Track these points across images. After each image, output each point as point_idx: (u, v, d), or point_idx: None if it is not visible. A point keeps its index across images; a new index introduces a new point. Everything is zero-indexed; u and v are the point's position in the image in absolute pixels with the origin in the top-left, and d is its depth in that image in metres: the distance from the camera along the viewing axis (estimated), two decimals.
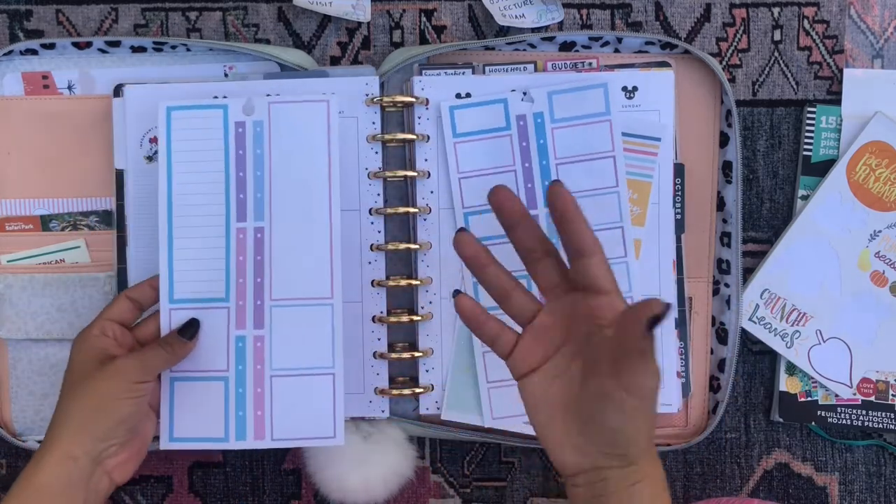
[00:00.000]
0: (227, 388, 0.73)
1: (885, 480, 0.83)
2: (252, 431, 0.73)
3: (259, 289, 0.73)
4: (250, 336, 0.73)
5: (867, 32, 0.81)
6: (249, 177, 0.73)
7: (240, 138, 0.73)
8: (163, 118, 0.73)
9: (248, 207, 0.73)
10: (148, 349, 0.70)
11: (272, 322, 0.73)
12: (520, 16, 0.79)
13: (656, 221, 0.79)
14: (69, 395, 0.68)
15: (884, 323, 0.80)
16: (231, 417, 0.73)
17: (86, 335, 0.71)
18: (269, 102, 0.74)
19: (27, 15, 0.81)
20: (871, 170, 0.79)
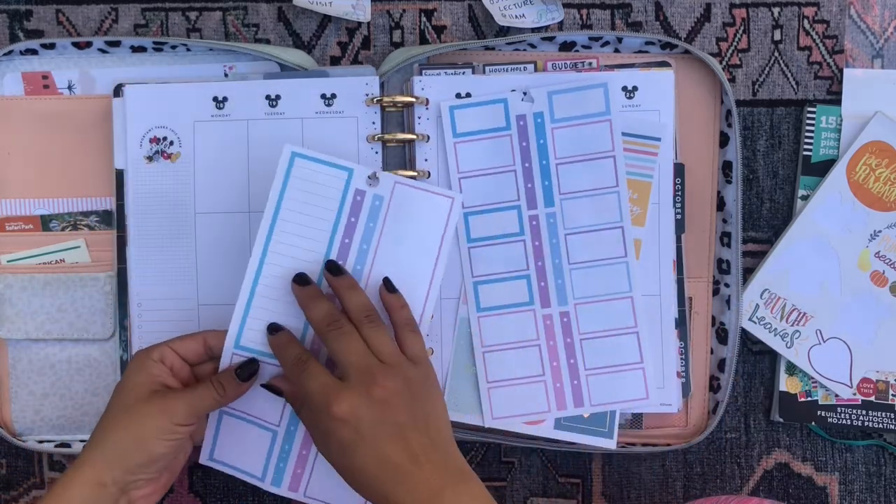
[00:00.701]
0: (275, 441, 0.74)
1: (885, 480, 0.83)
2: (288, 483, 0.74)
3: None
4: None
5: (867, 32, 0.81)
6: (354, 247, 0.73)
7: (356, 206, 0.73)
8: (284, 162, 0.72)
9: None
10: (198, 390, 0.69)
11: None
12: (520, 16, 0.79)
13: (656, 221, 0.79)
14: (113, 418, 0.67)
15: (884, 323, 0.80)
16: (271, 464, 0.74)
17: (145, 357, 0.69)
18: (395, 182, 0.73)
19: (27, 15, 0.81)
20: (871, 170, 0.79)
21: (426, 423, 0.66)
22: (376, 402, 0.64)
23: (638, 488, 0.83)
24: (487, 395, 0.78)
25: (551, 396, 0.78)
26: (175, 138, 0.78)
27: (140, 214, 0.78)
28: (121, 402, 0.68)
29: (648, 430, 0.81)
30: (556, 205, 0.77)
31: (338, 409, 0.64)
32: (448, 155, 0.78)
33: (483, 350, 0.78)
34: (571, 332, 0.78)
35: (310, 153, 0.72)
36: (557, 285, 0.78)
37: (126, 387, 0.68)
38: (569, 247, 0.78)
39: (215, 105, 0.78)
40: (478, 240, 0.78)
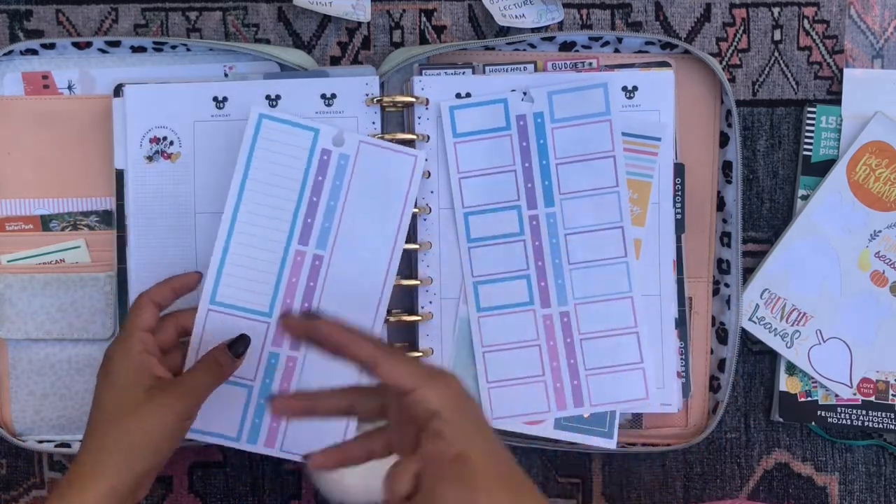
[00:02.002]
0: (250, 396, 0.74)
1: (885, 480, 0.83)
2: (264, 438, 0.74)
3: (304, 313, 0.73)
4: (284, 355, 0.74)
5: (867, 32, 0.81)
6: (322, 204, 0.74)
7: (323, 165, 0.74)
8: (252, 122, 0.74)
9: (312, 233, 0.74)
10: (196, 376, 0.68)
11: (308, 346, 0.74)
12: (520, 16, 0.79)
13: (656, 221, 0.79)
14: (116, 421, 0.66)
15: (884, 323, 0.80)
16: (247, 422, 0.74)
17: (127, 351, 0.67)
18: (360, 140, 0.75)
19: (27, 15, 0.81)
20: (871, 170, 0.79)
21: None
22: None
23: (638, 488, 0.83)
24: (487, 395, 0.78)
25: (551, 396, 0.78)
26: (175, 138, 0.78)
27: (140, 214, 0.78)
28: (119, 403, 0.66)
29: (648, 430, 0.81)
30: (556, 205, 0.77)
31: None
32: (448, 155, 0.78)
33: (483, 350, 0.78)
34: (571, 332, 0.78)
35: (277, 115, 0.74)
36: (557, 285, 0.78)
37: (118, 385, 0.67)
38: (569, 247, 0.78)
39: (215, 105, 0.78)
40: (478, 240, 0.78)
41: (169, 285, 0.72)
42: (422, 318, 0.78)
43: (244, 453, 0.82)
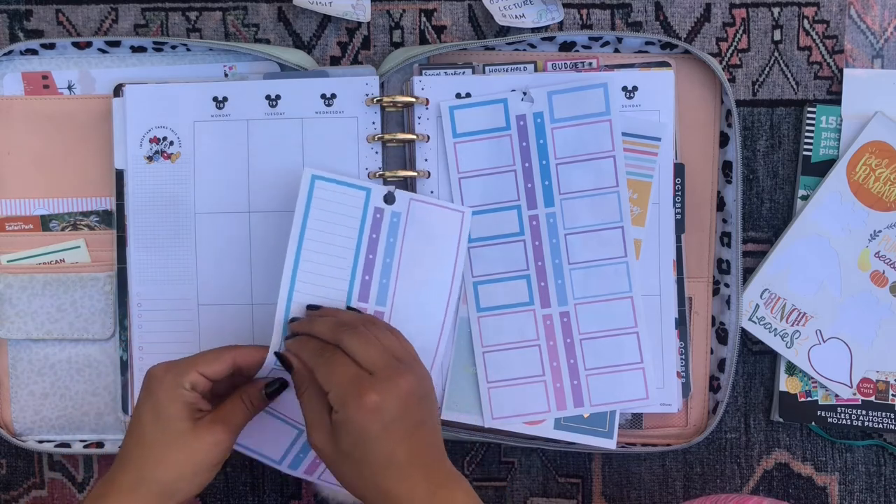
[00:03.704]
0: (298, 437, 0.75)
1: (885, 480, 0.83)
2: (304, 468, 0.76)
3: None
4: None
5: (867, 32, 0.81)
6: (378, 262, 0.75)
7: (376, 223, 0.75)
8: (306, 185, 0.73)
9: (371, 290, 0.75)
10: (232, 409, 0.68)
11: None
12: (520, 16, 0.79)
13: (656, 221, 0.79)
14: (160, 452, 0.65)
15: (884, 323, 0.80)
16: (292, 452, 0.76)
17: (175, 384, 0.66)
18: (411, 199, 0.76)
19: (27, 15, 0.81)
20: (871, 170, 0.79)
21: (432, 423, 0.67)
22: (402, 398, 0.64)
23: (638, 488, 0.83)
24: (487, 395, 0.78)
25: (551, 396, 0.78)
26: (175, 138, 0.78)
27: (140, 214, 0.78)
28: (163, 435, 0.65)
29: (648, 430, 0.81)
30: (556, 205, 0.77)
31: (369, 400, 0.62)
32: (448, 155, 0.78)
33: (483, 350, 0.78)
34: (571, 332, 0.78)
35: (329, 175, 0.74)
36: (557, 285, 0.78)
37: (164, 415, 0.66)
38: (569, 247, 0.78)
39: (215, 105, 0.78)
40: (478, 240, 0.78)
41: (262, 353, 0.70)
42: None
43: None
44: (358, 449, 0.63)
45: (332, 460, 0.65)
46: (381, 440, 0.63)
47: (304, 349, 0.68)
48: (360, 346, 0.66)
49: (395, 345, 0.68)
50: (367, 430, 0.62)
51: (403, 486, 0.63)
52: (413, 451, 0.64)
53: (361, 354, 0.65)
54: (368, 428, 0.62)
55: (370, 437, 0.63)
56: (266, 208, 0.78)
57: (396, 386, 0.63)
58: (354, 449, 0.63)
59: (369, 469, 0.63)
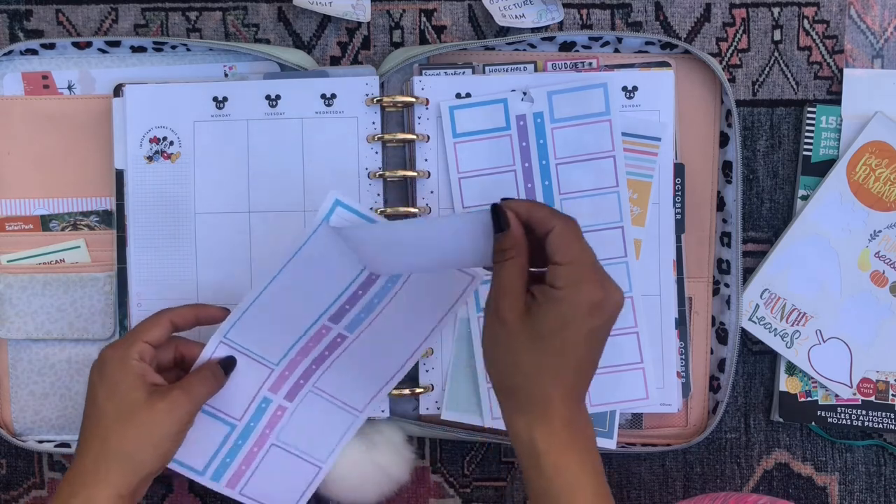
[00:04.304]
0: (230, 435, 0.74)
1: (885, 480, 0.83)
2: (227, 479, 0.75)
3: (309, 372, 0.74)
4: (276, 402, 0.75)
5: (867, 32, 0.81)
6: (365, 299, 0.72)
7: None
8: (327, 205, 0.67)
9: (345, 317, 0.72)
10: (196, 380, 0.68)
11: (302, 402, 0.75)
12: (520, 16, 0.79)
13: (656, 221, 0.79)
14: (119, 428, 0.65)
15: (884, 323, 0.80)
16: (217, 459, 0.74)
17: (124, 357, 0.67)
18: None
19: (27, 15, 0.81)
20: (871, 170, 0.79)
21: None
22: (617, 307, 0.61)
23: (638, 488, 0.83)
24: (487, 395, 0.78)
25: None
26: (175, 138, 0.78)
27: (140, 214, 0.78)
28: (120, 408, 0.66)
29: (648, 430, 0.81)
30: (557, 205, 0.77)
31: (602, 294, 0.59)
32: (448, 155, 0.78)
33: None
34: None
35: (352, 204, 0.68)
36: None
37: (118, 390, 0.66)
38: None
39: (215, 105, 0.78)
40: None
41: (194, 311, 0.71)
42: None
43: None
44: (557, 337, 0.58)
45: (510, 331, 0.59)
46: (586, 339, 0.59)
47: (538, 208, 0.61)
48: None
49: None
50: (579, 323, 0.58)
51: (559, 392, 0.59)
52: (589, 365, 0.61)
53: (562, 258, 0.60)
54: (582, 322, 0.58)
55: (577, 329, 0.58)
56: (266, 208, 0.78)
57: (618, 292, 0.60)
58: (552, 335, 0.58)
59: (548, 362, 0.59)
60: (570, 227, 0.60)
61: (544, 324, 0.58)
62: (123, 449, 0.65)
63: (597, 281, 0.59)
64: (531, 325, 0.59)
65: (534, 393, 0.59)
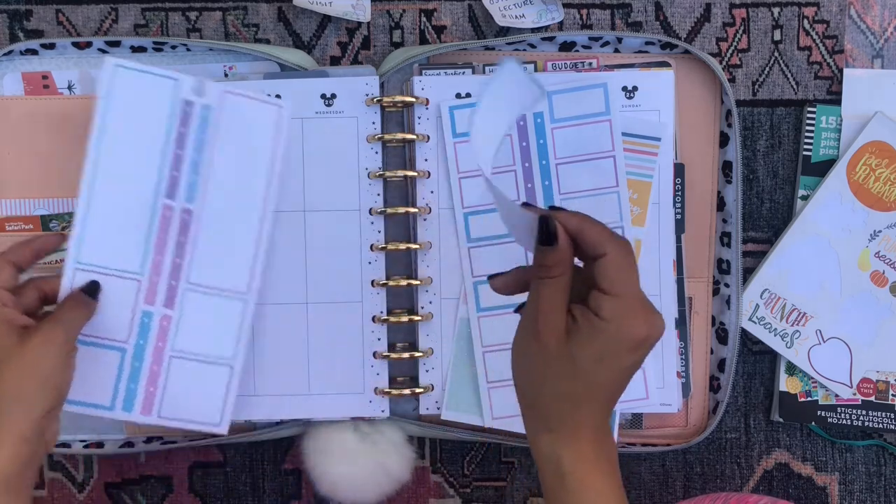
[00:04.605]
0: (123, 360, 0.72)
1: (885, 480, 0.83)
2: (140, 406, 0.73)
3: (176, 269, 0.73)
4: (158, 314, 0.73)
5: (867, 32, 0.81)
6: (187, 157, 0.71)
7: (185, 117, 0.71)
8: (108, 74, 0.69)
9: (179, 186, 0.71)
10: (63, 309, 0.68)
11: (184, 304, 0.73)
12: (520, 16, 0.79)
13: (656, 221, 0.79)
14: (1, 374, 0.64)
15: (884, 323, 0.80)
16: (121, 388, 0.72)
17: None
18: (224, 90, 0.72)
19: (27, 15, 0.81)
20: (871, 170, 0.79)
21: None
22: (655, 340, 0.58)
23: (638, 488, 0.83)
24: (487, 395, 0.78)
25: None
26: None
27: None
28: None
29: (648, 430, 0.81)
30: (557, 205, 0.77)
31: (646, 329, 0.57)
32: (448, 155, 0.78)
33: (483, 350, 0.78)
34: None
35: (132, 64, 0.68)
36: None
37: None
38: None
39: None
40: (478, 240, 0.78)
41: (28, 246, 0.70)
42: (422, 318, 0.78)
43: (244, 453, 0.82)
44: (596, 367, 0.57)
45: (547, 352, 0.57)
46: (625, 371, 0.57)
47: (592, 226, 0.57)
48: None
49: None
50: (617, 358, 0.56)
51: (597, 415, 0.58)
52: (616, 396, 0.60)
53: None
54: (621, 358, 0.57)
55: (613, 364, 0.57)
56: None
57: (660, 322, 0.58)
58: (592, 365, 0.56)
59: (583, 389, 0.57)
60: (625, 255, 0.56)
61: (584, 352, 0.56)
62: (9, 393, 0.64)
63: (644, 316, 0.56)
64: (570, 350, 0.57)
65: (564, 415, 0.58)
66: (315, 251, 0.78)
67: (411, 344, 0.79)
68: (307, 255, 0.78)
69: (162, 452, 0.82)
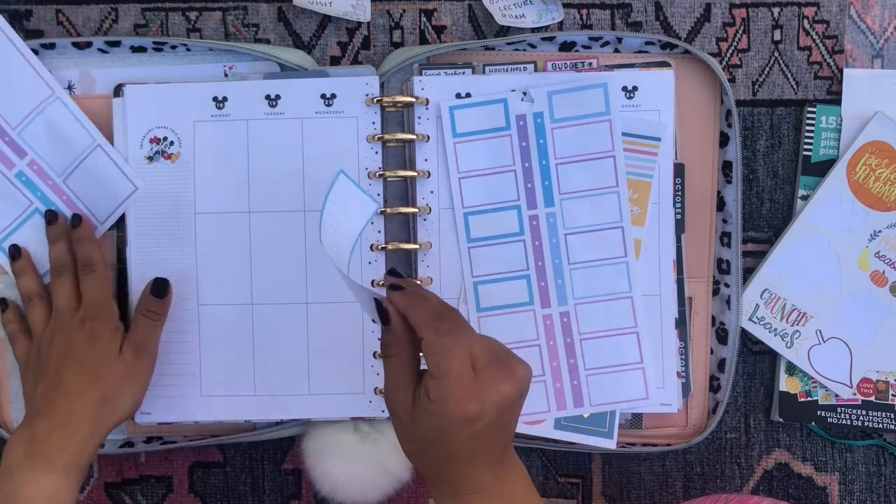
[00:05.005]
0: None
1: (885, 480, 0.83)
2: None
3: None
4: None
5: (867, 32, 0.81)
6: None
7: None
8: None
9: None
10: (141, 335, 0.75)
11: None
12: (520, 16, 0.79)
13: (656, 221, 0.79)
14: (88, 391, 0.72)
15: (884, 323, 0.80)
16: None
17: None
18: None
19: (27, 15, 0.81)
20: (871, 170, 0.79)
21: (515, 421, 0.62)
22: (500, 406, 0.59)
23: (638, 488, 0.83)
24: None
25: (551, 396, 0.78)
26: (175, 138, 0.78)
27: (140, 214, 0.78)
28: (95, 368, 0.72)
29: (648, 430, 0.81)
30: (556, 205, 0.77)
31: (471, 409, 0.58)
32: (448, 155, 0.78)
33: None
34: (571, 332, 0.78)
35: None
36: (557, 285, 0.78)
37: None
38: (569, 247, 0.78)
39: (215, 105, 0.78)
40: (478, 240, 0.78)
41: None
42: None
43: (244, 453, 0.82)
44: (437, 440, 0.59)
45: (403, 426, 0.61)
46: (465, 441, 0.59)
47: (419, 308, 0.60)
48: (469, 335, 0.59)
49: (493, 340, 0.62)
50: (456, 433, 0.59)
51: (470, 473, 0.60)
52: (490, 448, 0.61)
53: (472, 346, 0.59)
54: (459, 432, 0.58)
55: (455, 438, 0.59)
56: (266, 208, 0.78)
57: (498, 393, 0.59)
58: (434, 437, 0.59)
59: (441, 453, 0.60)
60: (442, 338, 0.58)
61: (425, 427, 0.59)
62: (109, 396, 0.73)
63: (473, 393, 0.58)
64: (415, 424, 0.60)
65: (451, 480, 0.60)
66: (315, 251, 0.78)
67: None
68: (307, 255, 0.78)
69: (162, 452, 0.82)
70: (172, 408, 0.79)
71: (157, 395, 0.78)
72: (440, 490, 0.61)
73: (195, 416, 0.79)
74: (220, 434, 0.80)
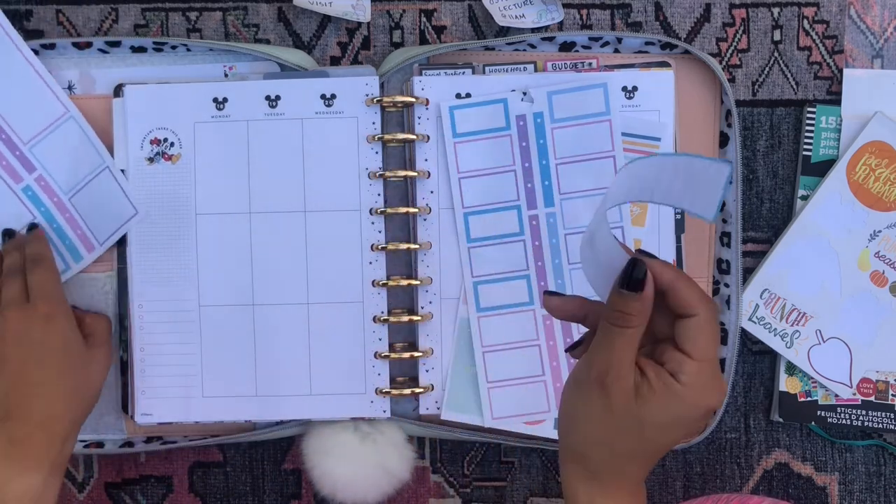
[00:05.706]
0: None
1: (885, 480, 0.83)
2: None
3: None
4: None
5: (867, 32, 0.81)
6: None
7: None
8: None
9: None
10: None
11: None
12: (520, 16, 0.79)
13: (656, 221, 0.79)
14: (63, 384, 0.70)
15: (884, 323, 0.80)
16: None
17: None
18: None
19: (27, 15, 0.81)
20: (870, 170, 0.79)
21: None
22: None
23: None
24: (487, 395, 0.78)
25: (551, 396, 0.78)
26: (176, 139, 0.78)
27: (140, 215, 0.78)
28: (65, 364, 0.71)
29: None
30: (556, 205, 0.77)
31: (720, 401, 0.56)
32: (448, 155, 0.78)
33: (483, 350, 0.78)
34: (572, 332, 0.78)
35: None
36: (557, 286, 0.78)
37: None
38: (569, 247, 0.78)
39: (215, 106, 0.78)
40: (478, 240, 0.78)
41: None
42: (422, 318, 0.78)
43: (244, 453, 0.83)
44: (662, 430, 0.55)
45: (607, 409, 0.55)
46: (686, 437, 0.58)
47: (686, 283, 0.55)
48: None
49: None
50: (693, 424, 0.55)
51: (637, 471, 0.58)
52: (665, 451, 0.58)
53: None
54: (697, 423, 0.55)
55: (688, 430, 0.55)
56: (267, 209, 0.78)
57: (725, 396, 0.58)
58: (659, 427, 0.54)
59: (641, 448, 0.56)
60: (714, 319, 0.54)
61: (655, 416, 0.54)
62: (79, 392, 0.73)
63: (719, 386, 0.55)
64: (637, 408, 0.54)
65: (614, 468, 0.57)
66: (315, 251, 0.78)
67: (411, 344, 0.79)
68: (308, 255, 0.78)
69: (162, 452, 0.83)
70: (173, 408, 0.79)
71: (158, 395, 0.78)
72: (601, 479, 0.57)
73: (196, 417, 0.79)
74: (221, 434, 0.80)
